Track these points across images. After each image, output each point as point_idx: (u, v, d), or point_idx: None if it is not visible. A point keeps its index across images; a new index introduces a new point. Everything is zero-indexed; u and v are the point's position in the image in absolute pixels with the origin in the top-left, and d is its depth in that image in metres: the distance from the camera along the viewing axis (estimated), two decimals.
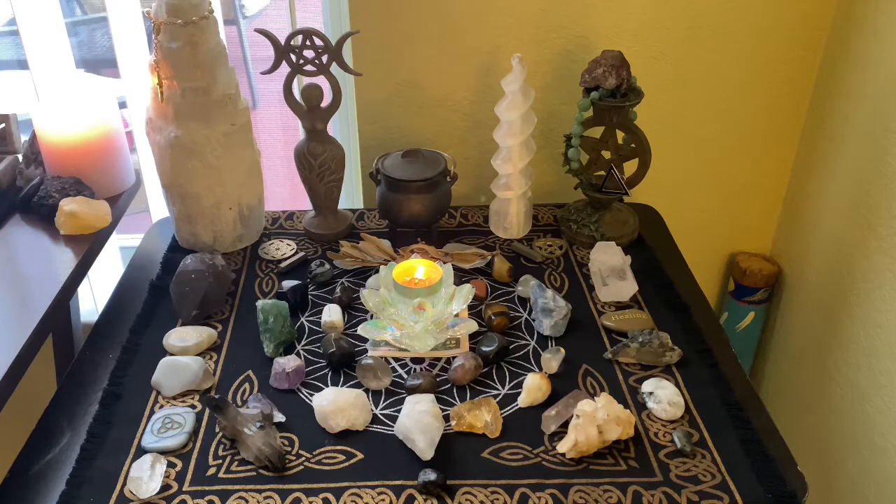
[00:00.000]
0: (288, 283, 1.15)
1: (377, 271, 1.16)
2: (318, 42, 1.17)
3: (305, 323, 1.12)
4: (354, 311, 1.14)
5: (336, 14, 1.37)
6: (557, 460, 0.89)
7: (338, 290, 1.16)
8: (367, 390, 0.99)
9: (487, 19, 1.32)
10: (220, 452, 0.91)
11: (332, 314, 1.11)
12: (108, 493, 0.85)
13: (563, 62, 1.37)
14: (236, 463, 0.89)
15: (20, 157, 1.32)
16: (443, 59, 1.36)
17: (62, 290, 1.08)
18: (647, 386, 0.99)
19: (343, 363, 1.03)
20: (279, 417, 0.94)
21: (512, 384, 1.00)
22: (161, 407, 0.97)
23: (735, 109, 1.44)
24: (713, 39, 1.36)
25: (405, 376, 1.02)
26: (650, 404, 0.96)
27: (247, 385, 1.01)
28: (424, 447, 0.88)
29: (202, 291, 1.10)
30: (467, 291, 1.05)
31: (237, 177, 1.22)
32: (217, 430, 0.93)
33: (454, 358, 1.03)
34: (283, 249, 1.28)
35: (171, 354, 1.05)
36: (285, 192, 2.48)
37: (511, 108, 1.21)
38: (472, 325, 1.07)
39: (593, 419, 0.89)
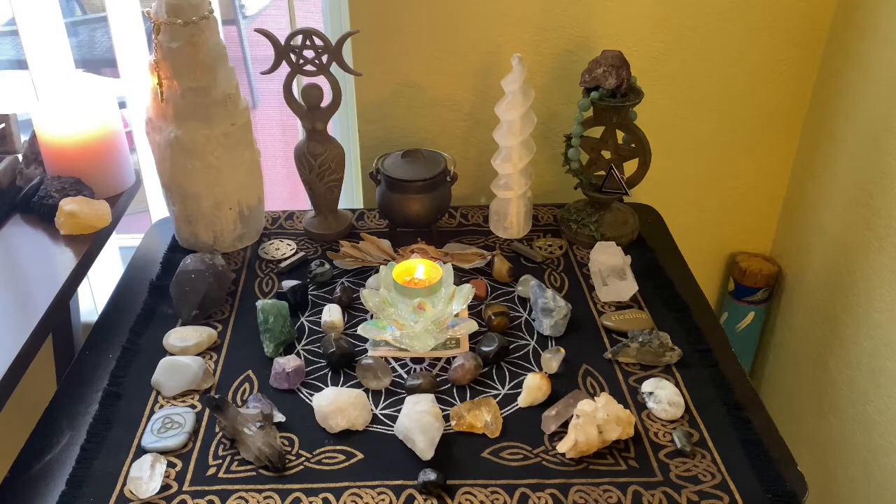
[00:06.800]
0: (288, 283, 1.15)
1: (377, 271, 1.16)
2: (318, 42, 1.17)
3: (305, 323, 1.12)
4: (354, 311, 1.14)
5: (336, 14, 1.37)
6: (557, 460, 0.89)
7: (338, 290, 1.16)
8: (367, 390, 0.99)
9: (487, 19, 1.32)
10: (220, 452, 0.91)
11: (332, 314, 1.11)
12: (108, 493, 0.85)
13: (563, 62, 1.37)
14: (236, 463, 0.89)
15: (20, 157, 1.32)
16: (443, 59, 1.36)
17: (62, 290, 1.08)
18: (647, 386, 0.99)
19: (343, 363, 1.03)
20: (279, 417, 0.94)
21: (512, 384, 1.00)
22: (161, 407, 0.97)
23: (735, 109, 1.44)
24: (713, 39, 1.36)
25: (405, 376, 1.02)
26: (650, 404, 0.96)
27: (247, 385, 1.01)
28: (424, 447, 0.88)
29: (202, 291, 1.10)
30: (467, 291, 1.05)
31: (237, 177, 1.22)
32: (217, 430, 0.93)
33: (454, 358, 1.03)
34: (283, 249, 1.28)
35: (171, 354, 1.05)
36: (285, 192, 2.48)
37: (511, 108, 1.21)
38: (472, 325, 1.07)
39: (593, 419, 0.89)
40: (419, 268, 1.05)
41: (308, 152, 1.24)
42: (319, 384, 1.01)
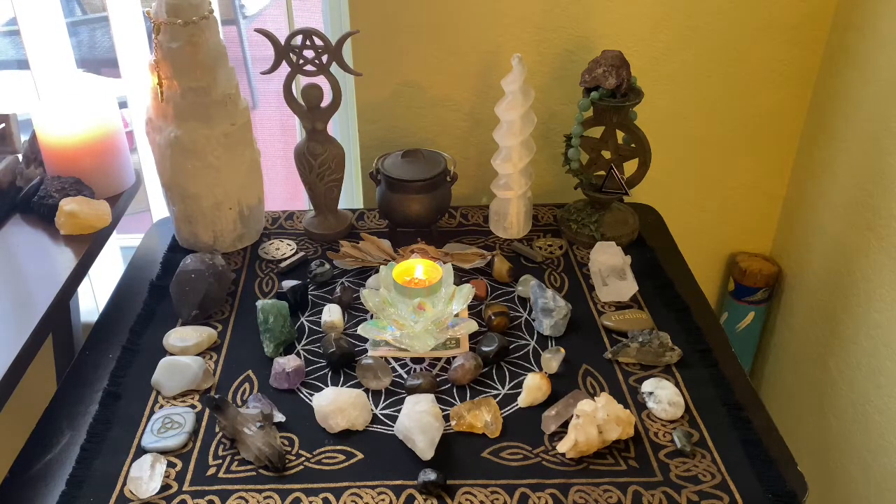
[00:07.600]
0: (288, 283, 1.15)
1: (377, 271, 1.16)
2: (318, 42, 1.17)
3: (305, 323, 1.12)
4: (354, 311, 1.14)
5: (336, 14, 1.37)
6: (557, 460, 0.89)
7: (338, 290, 1.16)
8: (367, 390, 0.99)
9: (487, 19, 1.32)
10: (220, 452, 0.91)
11: (332, 314, 1.11)
12: (108, 493, 0.85)
13: (563, 62, 1.37)
14: (236, 463, 0.89)
15: (20, 157, 1.32)
16: (443, 59, 1.36)
17: (62, 290, 1.08)
18: (647, 386, 0.99)
19: (343, 363, 1.03)
20: (279, 417, 0.95)
21: (512, 384, 1.00)
22: (161, 407, 0.97)
23: (735, 109, 1.44)
24: (713, 39, 1.36)
25: (405, 376, 1.02)
26: (650, 404, 0.96)
27: (247, 385, 1.01)
28: (424, 447, 0.88)
29: (202, 291, 1.10)
30: (467, 291, 1.05)
31: (237, 177, 1.22)
32: (217, 430, 0.93)
33: (454, 358, 1.03)
34: (283, 249, 1.28)
35: (171, 354, 1.05)
36: (285, 192, 2.48)
37: (511, 108, 1.21)
38: (472, 325, 1.07)
39: (593, 419, 0.89)
40: (419, 268, 1.05)
41: (308, 152, 1.24)
42: (319, 384, 1.01)
